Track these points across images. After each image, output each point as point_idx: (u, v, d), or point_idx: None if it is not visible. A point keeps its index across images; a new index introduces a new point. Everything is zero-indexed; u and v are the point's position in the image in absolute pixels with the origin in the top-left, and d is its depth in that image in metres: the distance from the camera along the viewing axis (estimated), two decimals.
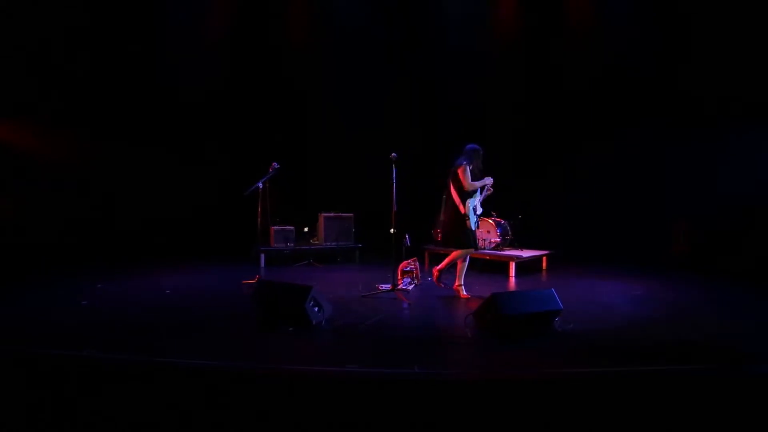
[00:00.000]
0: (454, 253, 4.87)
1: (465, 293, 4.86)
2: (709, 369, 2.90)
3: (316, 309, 3.75)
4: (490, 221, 6.61)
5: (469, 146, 4.94)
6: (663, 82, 7.05)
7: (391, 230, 6.79)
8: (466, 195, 4.77)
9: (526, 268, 6.46)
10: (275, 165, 5.39)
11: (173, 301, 4.55)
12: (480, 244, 6.62)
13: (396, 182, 5.15)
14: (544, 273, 6.52)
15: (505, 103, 7.82)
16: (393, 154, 4.98)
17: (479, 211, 4.95)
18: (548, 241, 6.98)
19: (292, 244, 6.80)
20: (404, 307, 4.45)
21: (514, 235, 6.71)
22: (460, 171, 4.76)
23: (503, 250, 6.49)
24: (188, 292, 4.92)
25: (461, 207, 4.78)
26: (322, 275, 6.11)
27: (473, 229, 4.79)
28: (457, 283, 4.90)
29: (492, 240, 6.54)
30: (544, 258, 6.68)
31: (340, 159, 8.09)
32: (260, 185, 5.21)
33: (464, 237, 4.77)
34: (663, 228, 7.17)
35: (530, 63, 7.77)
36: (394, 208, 5.01)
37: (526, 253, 6.37)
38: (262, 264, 6.55)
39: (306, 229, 7.61)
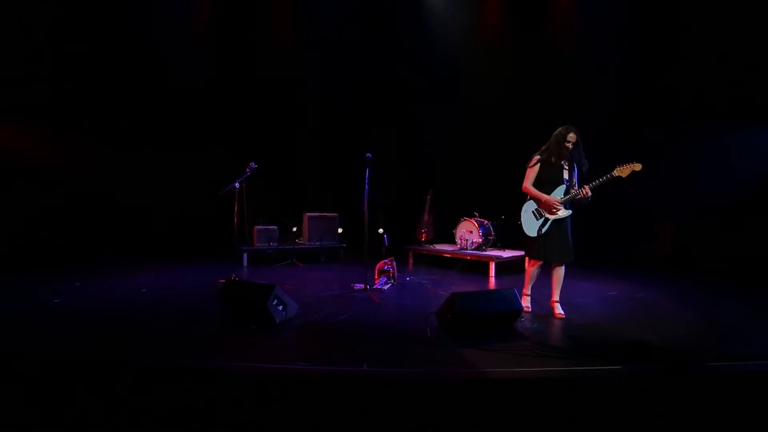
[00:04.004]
0: (527, 265, 4.34)
1: (527, 304, 4.26)
2: (649, 369, 2.91)
3: (280, 308, 3.78)
4: (473, 221, 6.61)
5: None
6: (645, 83, 7.04)
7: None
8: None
9: (507, 268, 6.44)
10: (253, 165, 5.42)
11: (146, 299, 4.60)
12: (462, 244, 6.68)
13: (369, 182, 5.05)
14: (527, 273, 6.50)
15: (492, 103, 7.80)
16: (368, 154, 4.98)
17: (559, 214, 4.00)
18: None
19: (275, 244, 6.85)
20: (373, 306, 4.46)
21: (497, 236, 6.70)
22: (528, 166, 4.13)
23: (485, 251, 6.49)
24: (164, 290, 4.98)
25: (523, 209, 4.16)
26: (302, 274, 6.15)
27: (531, 235, 4.10)
28: (523, 291, 4.30)
29: (474, 240, 6.54)
30: (527, 258, 6.65)
31: (333, 159, 8.13)
32: (237, 185, 5.24)
33: (524, 244, 4.27)
34: (648, 230, 7.16)
35: (515, 62, 7.76)
36: (365, 208, 4.96)
37: (507, 254, 6.36)
38: (245, 263, 6.61)
39: (294, 229, 7.67)
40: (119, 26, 7.28)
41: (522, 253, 6.56)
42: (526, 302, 4.26)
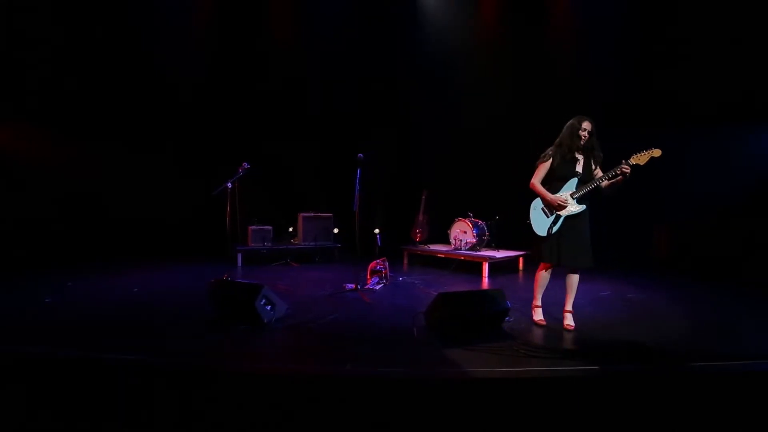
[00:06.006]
0: (536, 270, 3.94)
1: (540, 317, 3.90)
2: (638, 369, 2.89)
3: (269, 307, 3.78)
4: (467, 222, 6.60)
5: None
6: (641, 84, 7.03)
7: (375, 230, 6.86)
8: (547, 188, 3.75)
9: (501, 268, 6.44)
10: (245, 165, 5.43)
11: (137, 299, 4.61)
12: (456, 245, 6.67)
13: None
14: (520, 273, 6.49)
15: (489, 104, 7.78)
16: (359, 154, 4.97)
17: (570, 209, 3.64)
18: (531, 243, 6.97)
19: (269, 244, 6.85)
20: (363, 306, 4.45)
21: (491, 236, 6.69)
22: (538, 161, 3.81)
23: (479, 251, 6.47)
24: (156, 290, 4.99)
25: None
26: (296, 274, 6.16)
27: (541, 234, 3.73)
28: (534, 303, 4.00)
29: (468, 240, 6.53)
30: (521, 258, 6.65)
31: (331, 158, 8.13)
32: (229, 185, 5.25)
33: (534, 245, 3.89)
34: (645, 231, 7.14)
35: (513, 63, 7.75)
36: (355, 208, 4.95)
37: (501, 254, 6.35)
38: (239, 264, 6.61)
39: (291, 229, 7.68)
40: (119, 26, 7.33)
41: (516, 253, 6.57)
42: (538, 315, 3.90)
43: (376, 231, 6.62)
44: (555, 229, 3.67)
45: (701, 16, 6.49)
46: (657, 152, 3.47)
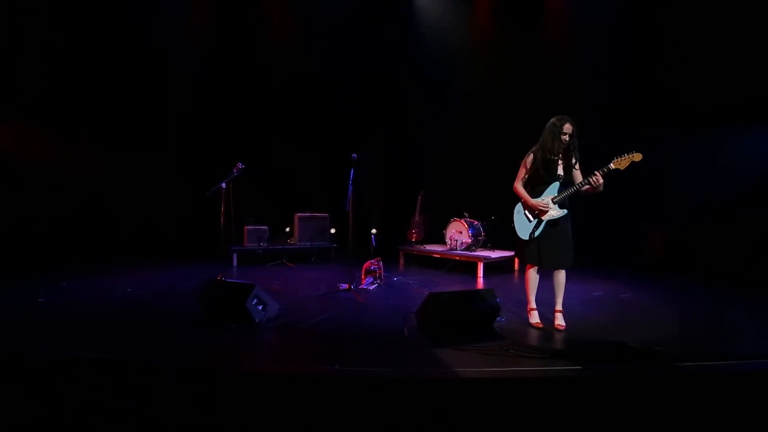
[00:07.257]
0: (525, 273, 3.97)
1: (536, 319, 3.86)
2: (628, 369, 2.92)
3: (260, 307, 3.81)
4: (462, 222, 6.63)
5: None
6: (636, 85, 7.04)
7: (373, 231, 6.90)
8: (529, 191, 3.79)
9: (496, 268, 6.47)
10: (240, 165, 5.47)
11: (137, 298, 4.64)
12: (451, 245, 6.70)
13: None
14: (515, 274, 6.52)
15: (486, 105, 7.80)
16: (353, 155, 5.02)
17: (551, 214, 3.67)
18: None
19: (264, 244, 6.88)
20: (355, 306, 4.49)
21: (487, 236, 6.72)
22: (521, 164, 3.83)
23: (475, 251, 6.51)
24: (150, 290, 5.02)
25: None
26: (291, 274, 6.19)
27: (524, 238, 3.78)
28: (528, 306, 3.96)
29: (463, 241, 6.56)
30: (516, 259, 6.67)
31: (329, 158, 8.15)
32: (223, 185, 5.29)
33: (517, 248, 3.96)
34: (640, 232, 7.16)
35: (510, 64, 7.76)
36: (348, 208, 4.99)
37: (496, 254, 6.38)
38: (235, 264, 6.65)
39: (288, 229, 7.71)
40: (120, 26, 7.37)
41: (511, 253, 6.58)
42: (534, 318, 3.86)
43: (373, 231, 6.67)
44: (537, 233, 3.72)
45: (697, 16, 6.49)
46: (638, 156, 3.43)
